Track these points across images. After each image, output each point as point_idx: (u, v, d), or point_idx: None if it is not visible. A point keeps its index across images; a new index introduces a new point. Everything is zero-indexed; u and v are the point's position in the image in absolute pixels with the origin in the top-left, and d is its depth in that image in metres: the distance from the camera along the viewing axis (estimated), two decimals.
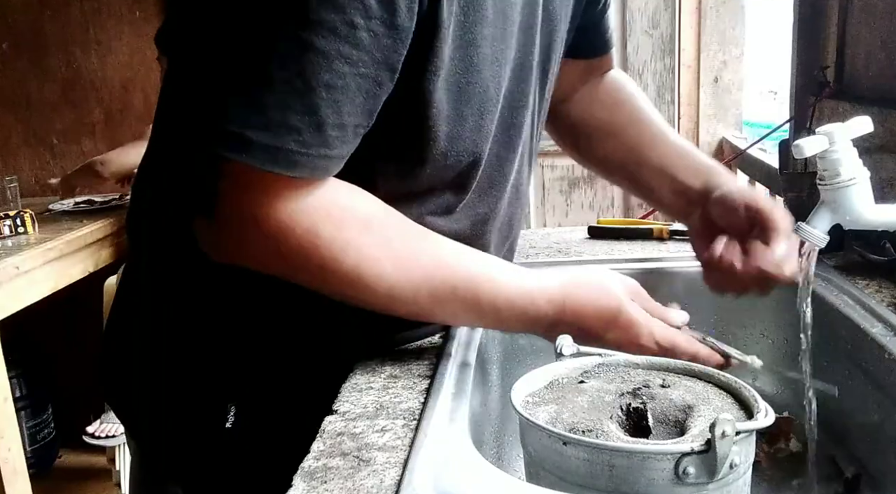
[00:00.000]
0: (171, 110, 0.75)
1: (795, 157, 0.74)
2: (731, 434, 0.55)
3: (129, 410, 0.87)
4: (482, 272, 0.70)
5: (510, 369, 0.95)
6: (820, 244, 0.76)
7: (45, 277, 2.02)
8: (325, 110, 0.59)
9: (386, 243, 0.66)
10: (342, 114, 0.60)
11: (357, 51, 0.59)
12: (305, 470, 0.58)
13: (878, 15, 1.21)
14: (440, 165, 0.71)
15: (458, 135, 0.70)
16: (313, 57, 0.58)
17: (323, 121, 0.59)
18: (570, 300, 0.71)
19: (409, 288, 0.67)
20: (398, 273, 0.66)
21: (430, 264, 0.68)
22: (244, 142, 0.58)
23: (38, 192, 2.73)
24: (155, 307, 0.81)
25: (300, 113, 0.58)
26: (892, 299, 0.87)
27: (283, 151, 0.59)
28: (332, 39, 0.57)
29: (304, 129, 0.59)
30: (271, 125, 0.58)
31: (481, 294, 0.69)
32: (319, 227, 0.63)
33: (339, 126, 0.60)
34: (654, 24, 2.58)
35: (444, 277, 0.68)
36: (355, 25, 0.58)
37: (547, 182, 2.74)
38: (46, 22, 2.65)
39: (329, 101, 0.59)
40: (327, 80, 0.58)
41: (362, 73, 0.60)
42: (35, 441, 2.60)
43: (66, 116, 2.71)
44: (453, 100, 0.68)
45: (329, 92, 0.59)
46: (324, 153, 0.61)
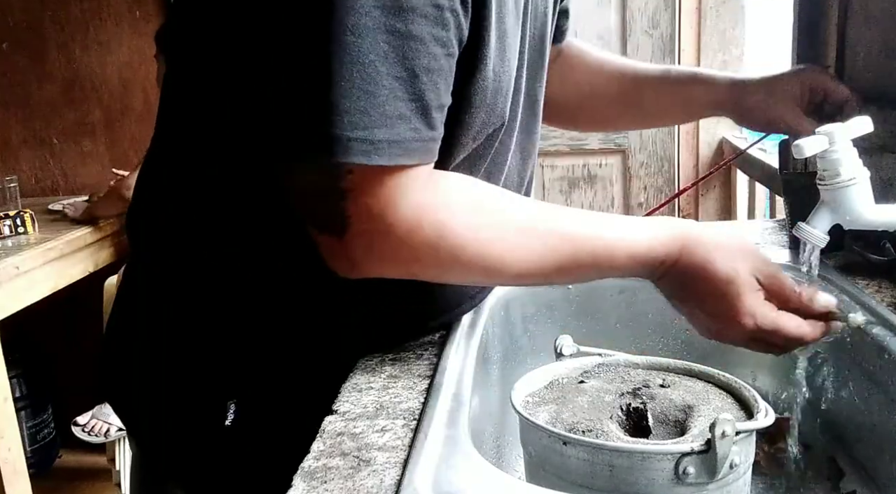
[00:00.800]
0: (179, 114, 0.75)
1: (795, 157, 0.74)
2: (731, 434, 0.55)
3: (128, 409, 0.87)
4: (606, 237, 0.69)
5: (510, 369, 0.95)
6: (820, 244, 0.76)
7: (45, 277, 2.03)
8: (428, 94, 0.60)
9: (504, 225, 0.67)
10: (440, 94, 0.61)
11: (445, 31, 0.60)
12: (305, 470, 0.58)
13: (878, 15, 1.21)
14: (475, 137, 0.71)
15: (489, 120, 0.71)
16: (413, 43, 0.58)
17: (428, 105, 0.60)
18: (686, 254, 0.68)
19: (535, 263, 0.67)
20: (522, 253, 0.67)
21: (548, 236, 0.68)
22: (370, 144, 0.58)
23: (38, 192, 2.73)
24: (155, 306, 0.81)
25: (409, 100, 0.59)
26: (892, 299, 0.87)
27: (404, 142, 0.59)
28: (425, 23, 0.58)
29: (414, 116, 0.60)
30: (389, 120, 0.58)
31: (599, 255, 0.68)
32: (442, 218, 0.64)
33: (439, 107, 0.62)
34: (654, 24, 2.58)
35: (562, 247, 0.68)
36: (440, 6, 0.59)
37: (547, 182, 2.74)
38: (46, 22, 2.65)
39: (430, 85, 0.60)
40: (426, 64, 0.59)
41: (450, 52, 0.61)
42: (35, 441, 2.59)
43: (66, 116, 2.70)
44: (493, 89, 0.69)
45: (429, 75, 0.60)
46: (431, 136, 0.62)
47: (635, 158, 2.62)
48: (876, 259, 0.96)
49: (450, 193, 0.66)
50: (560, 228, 0.69)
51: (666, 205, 2.53)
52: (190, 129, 0.73)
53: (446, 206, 0.64)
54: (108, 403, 0.89)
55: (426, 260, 0.65)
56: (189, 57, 0.72)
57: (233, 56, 0.66)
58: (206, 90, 0.70)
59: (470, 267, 0.67)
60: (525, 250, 0.67)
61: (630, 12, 2.58)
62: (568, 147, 2.67)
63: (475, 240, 0.65)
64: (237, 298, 0.76)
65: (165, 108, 0.77)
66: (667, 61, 2.59)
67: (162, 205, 0.78)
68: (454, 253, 0.65)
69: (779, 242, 1.14)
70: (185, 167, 0.74)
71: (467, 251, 0.65)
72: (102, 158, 2.72)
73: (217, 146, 0.70)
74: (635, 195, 2.69)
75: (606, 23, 2.59)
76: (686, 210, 2.57)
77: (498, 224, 0.67)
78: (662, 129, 2.60)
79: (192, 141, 0.73)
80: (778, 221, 1.31)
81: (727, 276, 0.66)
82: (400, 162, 0.60)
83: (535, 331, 1.02)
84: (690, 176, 2.59)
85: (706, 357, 0.98)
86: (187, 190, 0.75)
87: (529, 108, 0.85)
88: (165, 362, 0.79)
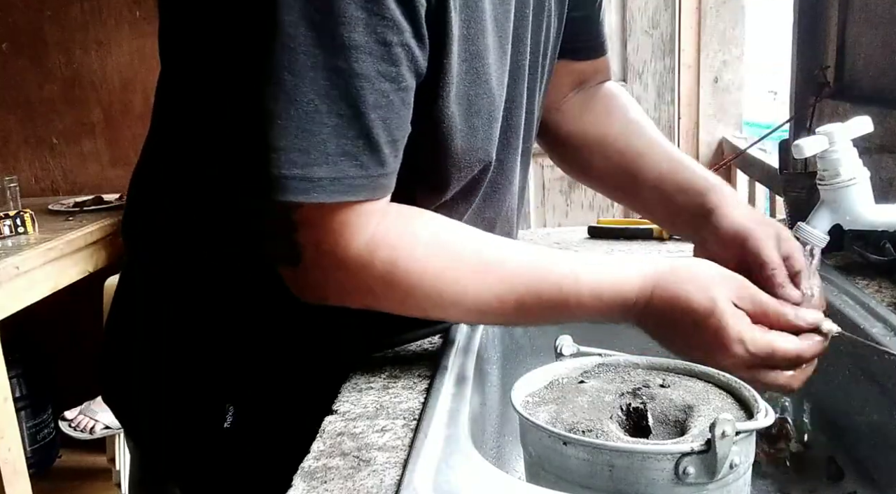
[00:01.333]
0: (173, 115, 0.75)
1: (795, 157, 0.74)
2: (731, 434, 0.55)
3: (127, 410, 0.87)
4: (564, 272, 0.67)
5: (510, 369, 0.95)
6: (820, 244, 0.76)
7: (45, 277, 2.02)
8: (376, 130, 0.59)
9: (459, 260, 0.67)
10: (391, 130, 0.61)
11: (395, 67, 0.59)
12: (305, 470, 0.58)
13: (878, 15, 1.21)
14: (454, 177, 0.71)
15: (471, 146, 0.70)
16: (357, 81, 0.58)
17: (376, 141, 0.60)
18: (660, 290, 0.66)
19: (494, 301, 0.67)
20: (479, 288, 0.66)
21: (509, 273, 0.67)
22: (308, 182, 0.58)
23: (38, 192, 2.73)
24: (153, 308, 0.80)
25: (354, 138, 0.59)
26: (892, 299, 0.87)
27: (347, 179, 0.59)
28: (370, 61, 0.58)
29: (360, 153, 0.59)
30: (330, 157, 0.58)
31: (568, 294, 0.67)
32: (396, 255, 0.64)
33: (390, 143, 0.61)
34: (654, 24, 2.58)
35: (527, 284, 0.67)
36: (388, 43, 0.58)
37: (547, 182, 2.74)
38: (46, 22, 2.65)
39: (377, 121, 0.59)
40: (373, 101, 0.59)
41: (403, 87, 0.60)
42: (35, 441, 2.59)
43: (66, 116, 2.70)
44: (464, 113, 0.68)
45: (376, 111, 0.59)
46: (381, 172, 0.61)
47: None
48: (876, 259, 0.96)
49: (406, 229, 0.66)
50: (521, 263, 0.68)
51: None
52: (184, 131, 0.73)
53: (400, 242, 0.65)
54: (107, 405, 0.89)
55: (381, 294, 0.66)
56: (177, 61, 0.72)
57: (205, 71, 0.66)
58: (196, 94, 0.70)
59: (425, 302, 0.67)
60: (482, 286, 0.66)
61: (630, 12, 2.58)
62: None
63: (431, 277, 0.65)
64: (236, 299, 0.75)
65: (160, 109, 0.77)
66: (667, 61, 2.59)
67: (159, 207, 0.78)
68: (408, 290, 0.65)
69: None
70: (182, 168, 0.74)
71: (423, 287, 0.65)
72: (102, 158, 2.72)
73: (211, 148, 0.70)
74: None
75: (607, 23, 2.57)
76: None
77: (454, 259, 0.66)
78: (663, 129, 2.58)
79: (188, 142, 0.73)
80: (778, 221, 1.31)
81: (705, 308, 0.64)
82: (344, 199, 0.60)
83: (535, 331, 1.02)
84: None
85: None
86: (185, 191, 0.75)
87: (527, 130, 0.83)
88: (164, 364, 0.79)
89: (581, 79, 0.98)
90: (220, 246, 0.74)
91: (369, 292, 0.66)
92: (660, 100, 2.62)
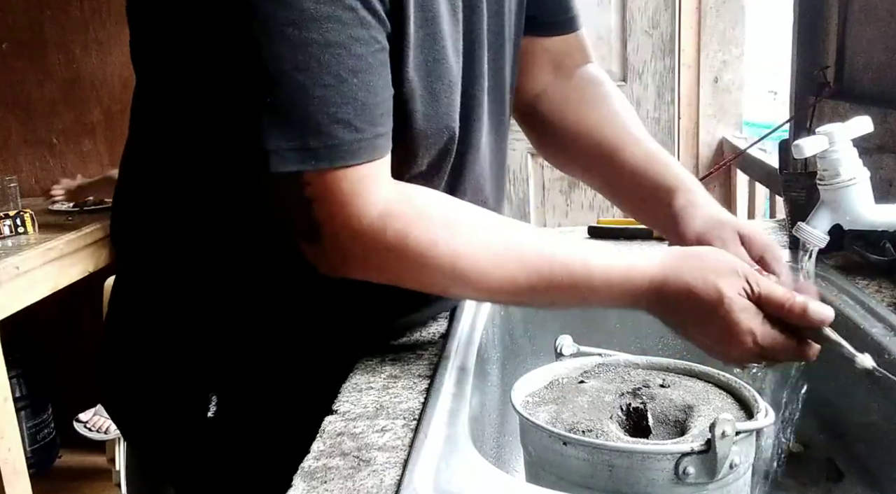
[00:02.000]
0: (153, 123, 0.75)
1: (795, 157, 0.74)
2: (731, 434, 0.55)
3: (126, 413, 0.86)
4: (577, 258, 0.68)
5: (510, 369, 0.95)
6: (820, 244, 0.76)
7: (45, 277, 2.02)
8: (361, 93, 0.61)
9: (474, 238, 0.67)
10: (376, 90, 0.62)
11: (366, 29, 0.61)
12: (305, 470, 0.58)
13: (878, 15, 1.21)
14: (421, 147, 0.71)
15: (435, 112, 0.70)
16: (333, 50, 0.59)
17: (364, 103, 0.61)
18: (672, 280, 0.67)
19: (507, 280, 0.68)
20: (493, 265, 0.67)
21: (524, 255, 0.68)
22: (305, 152, 0.60)
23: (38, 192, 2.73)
24: (149, 314, 0.80)
25: (341, 104, 0.60)
26: (892, 299, 0.87)
27: (343, 144, 0.61)
28: (341, 28, 0.59)
29: (351, 118, 0.61)
30: (322, 126, 0.60)
31: (578, 283, 0.68)
32: (409, 228, 0.65)
33: (377, 103, 0.63)
34: (654, 24, 2.58)
35: (539, 267, 0.68)
36: (354, 8, 0.60)
37: (547, 182, 2.74)
38: (46, 22, 2.64)
39: (361, 84, 0.61)
40: (352, 66, 0.60)
41: (377, 48, 0.62)
42: (35, 441, 2.59)
43: (66, 116, 2.70)
44: (424, 78, 0.69)
45: (358, 76, 0.61)
46: (375, 132, 0.63)
47: None
48: (876, 259, 0.96)
49: (422, 206, 0.67)
50: (536, 246, 0.69)
51: None
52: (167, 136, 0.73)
53: (417, 217, 0.66)
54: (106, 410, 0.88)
55: (395, 266, 0.67)
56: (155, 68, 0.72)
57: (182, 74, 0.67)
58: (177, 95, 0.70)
59: (440, 277, 0.67)
60: (497, 266, 0.67)
61: (630, 12, 2.58)
62: None
63: (444, 251, 0.66)
64: (235, 301, 0.75)
65: (140, 118, 0.77)
66: (667, 61, 2.59)
67: (147, 213, 0.78)
68: (422, 262, 0.66)
69: (779, 242, 1.14)
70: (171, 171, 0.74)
71: (437, 261, 0.66)
72: (102, 158, 2.72)
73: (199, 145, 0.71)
74: None
75: (606, 23, 2.59)
76: None
77: (469, 237, 0.67)
78: (662, 129, 2.60)
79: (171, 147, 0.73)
80: (778, 221, 1.31)
81: (714, 299, 0.65)
82: (344, 163, 0.61)
83: (535, 331, 1.02)
84: None
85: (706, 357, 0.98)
86: (172, 195, 0.75)
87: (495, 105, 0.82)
88: (163, 366, 0.79)
89: (556, 59, 0.95)
90: (218, 247, 0.74)
91: (385, 264, 0.67)
92: (660, 100, 2.62)
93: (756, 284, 0.66)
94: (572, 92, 0.95)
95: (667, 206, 0.82)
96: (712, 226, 0.78)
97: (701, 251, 0.70)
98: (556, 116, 0.95)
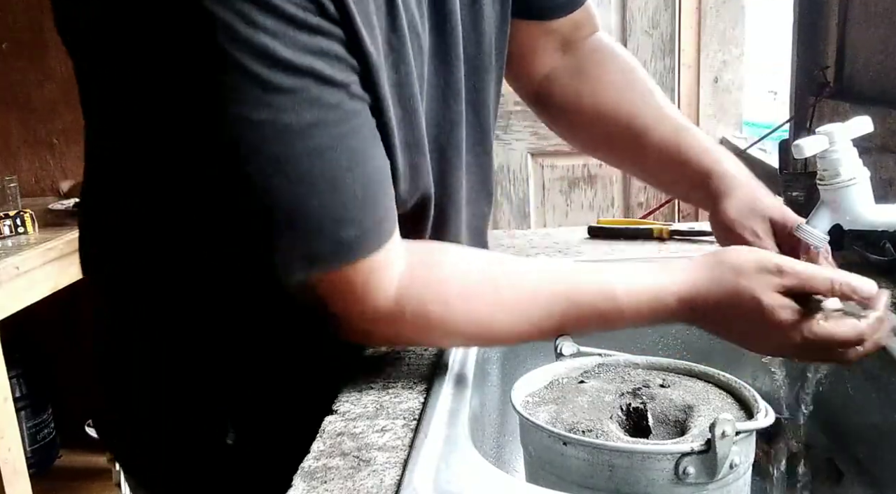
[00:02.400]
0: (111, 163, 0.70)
1: (796, 157, 0.74)
2: (731, 434, 0.55)
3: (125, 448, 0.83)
4: (600, 290, 0.67)
5: (510, 369, 0.95)
6: (820, 244, 0.76)
7: (45, 277, 2.02)
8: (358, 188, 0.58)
9: (490, 295, 0.67)
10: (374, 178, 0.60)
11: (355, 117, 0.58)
12: (305, 470, 0.58)
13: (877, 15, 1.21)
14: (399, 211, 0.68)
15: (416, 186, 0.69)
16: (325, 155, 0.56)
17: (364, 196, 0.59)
18: (703, 295, 0.65)
19: (534, 328, 0.67)
20: (515, 318, 0.67)
21: (543, 300, 0.67)
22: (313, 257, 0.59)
23: (38, 192, 2.73)
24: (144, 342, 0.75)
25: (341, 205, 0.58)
26: (892, 299, 0.87)
27: (346, 242, 0.59)
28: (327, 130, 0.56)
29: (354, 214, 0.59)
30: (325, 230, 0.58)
31: (607, 314, 0.67)
32: (426, 307, 0.64)
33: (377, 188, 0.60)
34: (654, 24, 2.58)
35: (563, 310, 0.67)
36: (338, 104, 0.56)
37: (547, 182, 2.74)
38: (46, 22, 2.64)
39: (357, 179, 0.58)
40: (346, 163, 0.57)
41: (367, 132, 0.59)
42: (35, 441, 2.59)
43: (66, 116, 2.70)
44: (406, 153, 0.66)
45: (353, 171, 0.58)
46: (379, 217, 0.61)
47: None
48: (876, 259, 0.96)
49: (432, 277, 0.65)
50: (555, 289, 0.67)
51: (666, 205, 2.53)
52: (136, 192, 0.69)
53: (428, 292, 0.65)
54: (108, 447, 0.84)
55: (421, 339, 0.71)
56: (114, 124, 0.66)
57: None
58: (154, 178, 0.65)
59: (465, 339, 0.70)
60: (519, 316, 0.67)
61: (630, 12, 2.58)
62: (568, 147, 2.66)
63: (464, 319, 0.66)
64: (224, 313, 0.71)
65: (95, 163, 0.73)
66: (667, 61, 2.59)
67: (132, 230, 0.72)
68: (445, 333, 0.67)
69: None
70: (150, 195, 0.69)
71: (459, 329, 0.66)
72: None
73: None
74: (635, 195, 2.69)
75: (606, 23, 2.59)
76: (686, 210, 2.58)
77: (486, 297, 0.66)
78: None
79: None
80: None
81: (751, 304, 0.63)
82: (353, 259, 0.60)
83: None
84: None
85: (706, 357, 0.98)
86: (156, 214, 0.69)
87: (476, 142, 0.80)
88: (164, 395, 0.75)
89: (563, 39, 0.91)
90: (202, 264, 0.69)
91: (408, 339, 0.71)
92: None
93: (790, 275, 0.63)
94: (586, 65, 0.90)
95: (700, 192, 0.82)
96: (744, 216, 0.78)
97: (726, 256, 0.67)
98: (571, 95, 0.90)
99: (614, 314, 0.67)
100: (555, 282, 0.68)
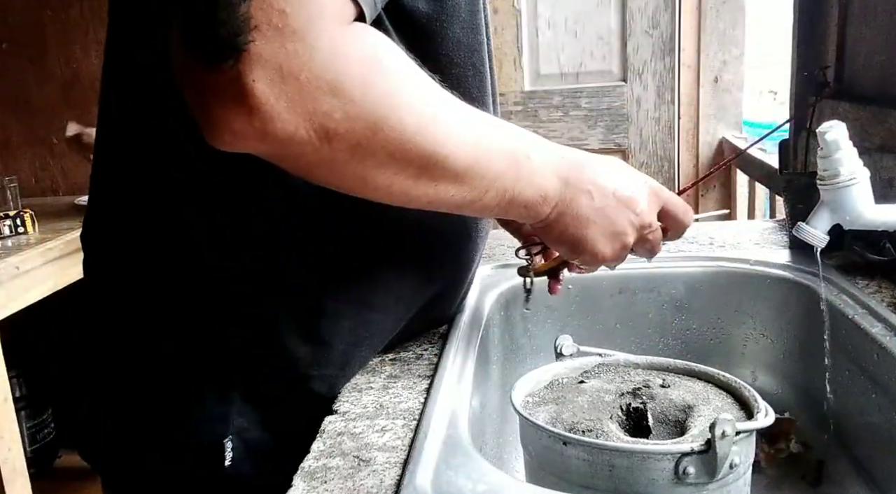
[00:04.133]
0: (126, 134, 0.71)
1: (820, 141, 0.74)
2: (731, 434, 0.55)
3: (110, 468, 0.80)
4: (522, 133, 0.67)
5: (510, 369, 0.95)
6: (820, 244, 0.76)
7: (45, 277, 2.02)
8: None
9: (444, 94, 0.57)
10: None
11: None
12: (305, 470, 0.58)
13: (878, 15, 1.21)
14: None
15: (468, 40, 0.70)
16: None
17: None
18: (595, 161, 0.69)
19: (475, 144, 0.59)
20: (461, 122, 0.58)
21: (488, 122, 0.63)
22: None
23: (38, 192, 2.73)
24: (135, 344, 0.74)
25: None
26: (892, 299, 0.87)
27: None
28: None
29: None
30: None
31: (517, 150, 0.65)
32: (377, 50, 0.51)
33: None
34: (654, 24, 2.58)
35: (498, 133, 0.63)
36: None
37: None
38: (46, 22, 2.64)
39: None
40: None
41: None
42: (35, 441, 2.59)
43: (66, 116, 2.69)
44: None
45: None
46: None
47: (635, 158, 2.62)
48: (876, 259, 0.96)
49: (392, 46, 0.53)
50: (494, 119, 0.66)
51: None
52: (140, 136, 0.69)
53: (388, 51, 0.52)
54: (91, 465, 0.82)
55: (358, 94, 0.49)
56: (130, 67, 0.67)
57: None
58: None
59: (414, 113, 0.53)
60: (465, 124, 0.59)
61: (630, 12, 2.58)
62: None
63: (415, 86, 0.54)
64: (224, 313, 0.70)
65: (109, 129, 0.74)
66: (667, 61, 2.59)
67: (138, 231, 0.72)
68: (395, 87, 0.51)
69: (779, 242, 1.14)
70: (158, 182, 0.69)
71: (412, 88, 0.53)
72: None
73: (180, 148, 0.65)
74: None
75: (606, 23, 2.59)
76: None
77: (439, 92, 0.57)
78: (662, 129, 2.60)
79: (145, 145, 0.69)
80: (778, 221, 1.31)
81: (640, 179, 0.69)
82: None
83: (535, 331, 1.02)
84: (690, 176, 2.59)
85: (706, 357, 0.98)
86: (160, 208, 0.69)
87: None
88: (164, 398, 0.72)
89: None
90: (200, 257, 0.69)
91: (335, 105, 0.48)
92: (660, 100, 2.62)
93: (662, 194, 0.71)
94: None
95: None
96: None
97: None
98: None
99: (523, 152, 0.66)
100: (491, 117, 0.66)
